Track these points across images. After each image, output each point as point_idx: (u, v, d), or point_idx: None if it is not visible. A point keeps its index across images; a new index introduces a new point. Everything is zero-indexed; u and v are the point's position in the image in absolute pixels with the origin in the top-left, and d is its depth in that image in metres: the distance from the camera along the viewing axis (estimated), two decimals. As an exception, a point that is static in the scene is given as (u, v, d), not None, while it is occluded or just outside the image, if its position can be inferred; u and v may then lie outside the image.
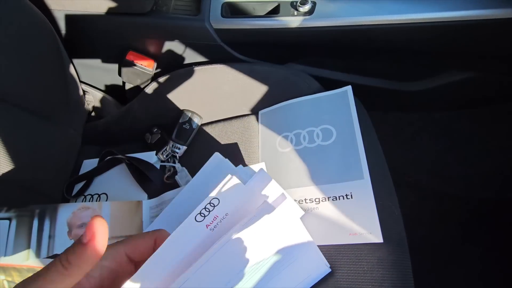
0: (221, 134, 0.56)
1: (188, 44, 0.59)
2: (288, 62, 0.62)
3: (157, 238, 0.23)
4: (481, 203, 0.73)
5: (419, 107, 0.68)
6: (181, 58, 0.62)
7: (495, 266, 0.70)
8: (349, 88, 0.48)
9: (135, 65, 0.58)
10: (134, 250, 0.22)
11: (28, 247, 0.40)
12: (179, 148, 0.56)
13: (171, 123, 0.59)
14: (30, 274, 0.41)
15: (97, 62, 0.63)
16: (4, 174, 0.44)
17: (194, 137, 0.57)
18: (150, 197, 0.52)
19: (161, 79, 0.61)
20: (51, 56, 0.51)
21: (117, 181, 0.56)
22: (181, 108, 0.59)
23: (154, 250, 0.23)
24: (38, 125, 0.50)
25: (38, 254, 0.40)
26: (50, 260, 0.41)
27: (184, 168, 0.53)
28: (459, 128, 0.70)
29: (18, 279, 0.39)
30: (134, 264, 0.23)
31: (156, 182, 0.54)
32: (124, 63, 0.59)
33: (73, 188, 0.56)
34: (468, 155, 0.72)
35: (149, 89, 0.61)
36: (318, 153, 0.45)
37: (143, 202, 0.50)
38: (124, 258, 0.22)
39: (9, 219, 0.40)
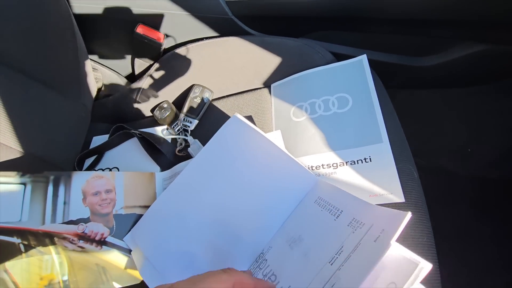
0: (233, 108, 0.55)
1: (199, 17, 0.58)
2: (300, 37, 0.61)
3: (236, 281, 0.25)
4: (492, 182, 0.73)
5: (430, 83, 0.67)
6: (191, 32, 0.61)
7: (507, 245, 0.69)
8: (364, 57, 0.48)
9: (145, 38, 0.57)
10: None
11: (44, 212, 0.40)
12: (190, 122, 0.55)
13: (181, 99, 0.58)
14: (46, 239, 0.41)
15: (106, 37, 0.62)
16: (18, 144, 0.44)
17: (205, 112, 0.56)
18: (162, 170, 0.52)
19: (171, 54, 0.60)
20: (64, 29, 0.50)
21: (128, 155, 0.56)
22: (192, 83, 0.58)
23: None
24: (51, 98, 0.50)
25: (53, 219, 0.40)
26: (66, 225, 0.40)
27: (196, 140, 0.53)
28: (471, 105, 0.70)
29: (34, 243, 0.38)
30: None
31: (168, 155, 0.53)
32: (134, 37, 0.58)
33: (83, 163, 0.55)
34: (480, 133, 0.72)
35: (159, 65, 0.61)
36: (334, 120, 0.44)
37: (156, 174, 0.50)
38: None
39: (24, 184, 0.40)
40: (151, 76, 0.61)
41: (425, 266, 0.22)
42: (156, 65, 0.61)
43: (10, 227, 0.37)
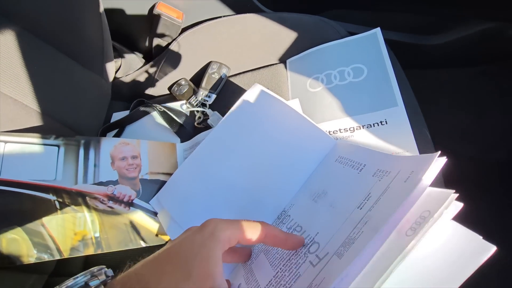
0: (250, 83, 0.57)
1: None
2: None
3: (267, 233, 0.27)
4: (496, 164, 0.74)
5: (438, 63, 0.69)
6: (208, 11, 0.63)
7: (510, 226, 0.71)
8: (378, 30, 0.50)
9: (165, 16, 0.59)
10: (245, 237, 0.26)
11: (76, 173, 0.42)
12: (209, 97, 0.57)
13: (198, 76, 0.60)
14: (78, 198, 0.43)
15: (124, 15, 0.64)
16: (48, 110, 0.46)
17: (222, 88, 0.58)
18: (182, 142, 0.54)
19: (188, 32, 0.62)
20: (90, 4, 0.52)
21: (149, 129, 0.58)
22: (208, 60, 0.60)
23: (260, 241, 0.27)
24: (76, 70, 0.52)
25: (85, 180, 0.42)
26: (96, 186, 0.43)
27: (216, 112, 0.55)
28: (477, 86, 0.72)
29: (68, 201, 0.41)
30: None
31: (187, 127, 0.55)
32: (154, 15, 0.60)
33: (105, 136, 0.57)
34: (484, 115, 0.73)
35: (177, 42, 0.62)
36: (350, 89, 0.46)
37: (177, 145, 0.52)
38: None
39: (58, 146, 0.42)
40: (168, 54, 0.63)
41: (457, 196, 0.22)
42: (174, 44, 0.63)
43: (46, 184, 0.40)
